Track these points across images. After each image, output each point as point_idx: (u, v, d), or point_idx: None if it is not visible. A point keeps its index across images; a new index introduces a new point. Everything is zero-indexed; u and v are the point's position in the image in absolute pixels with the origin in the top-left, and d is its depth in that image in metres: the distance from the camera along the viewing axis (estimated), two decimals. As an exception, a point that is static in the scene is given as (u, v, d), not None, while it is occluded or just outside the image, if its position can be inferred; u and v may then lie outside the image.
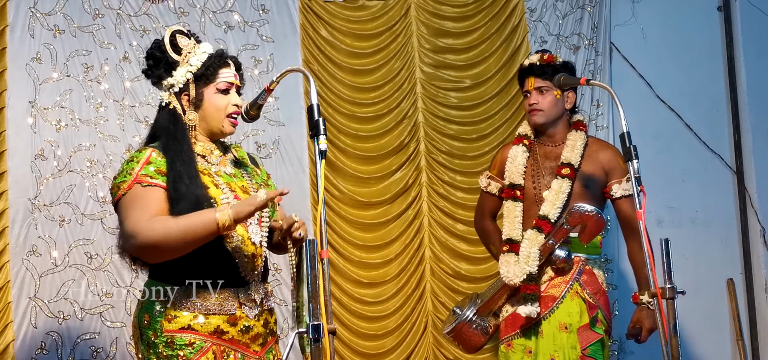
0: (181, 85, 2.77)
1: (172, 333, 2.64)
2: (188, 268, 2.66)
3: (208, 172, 2.74)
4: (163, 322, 2.65)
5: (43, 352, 4.06)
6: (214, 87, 2.77)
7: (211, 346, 2.65)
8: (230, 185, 2.75)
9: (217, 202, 2.66)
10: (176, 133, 2.74)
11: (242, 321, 2.70)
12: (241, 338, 2.70)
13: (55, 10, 4.24)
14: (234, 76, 2.81)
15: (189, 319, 2.65)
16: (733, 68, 5.03)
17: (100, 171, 4.22)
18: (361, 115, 4.68)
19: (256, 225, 2.75)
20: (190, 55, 2.79)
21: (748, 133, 5.00)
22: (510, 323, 3.58)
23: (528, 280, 3.48)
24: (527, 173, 3.67)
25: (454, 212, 4.71)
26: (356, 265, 4.61)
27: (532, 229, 3.53)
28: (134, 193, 2.63)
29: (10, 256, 4.03)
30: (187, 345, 2.63)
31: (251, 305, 2.72)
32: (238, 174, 2.83)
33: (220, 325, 2.66)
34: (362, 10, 4.75)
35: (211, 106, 2.77)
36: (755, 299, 4.96)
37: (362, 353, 4.56)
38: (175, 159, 2.68)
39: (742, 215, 4.99)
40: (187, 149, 2.71)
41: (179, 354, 2.62)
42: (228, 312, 2.67)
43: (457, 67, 4.82)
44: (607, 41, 4.91)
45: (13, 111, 4.11)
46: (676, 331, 2.61)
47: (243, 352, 2.71)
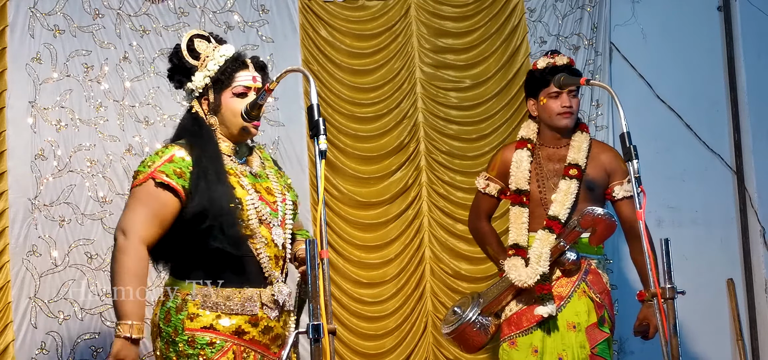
0: (201, 90, 2.77)
1: (193, 332, 2.64)
2: (212, 268, 2.67)
3: (234, 173, 2.74)
4: (185, 320, 2.66)
5: (43, 352, 4.06)
6: (231, 91, 2.76)
7: (232, 346, 2.66)
8: (255, 186, 2.76)
9: (243, 203, 2.67)
10: (202, 134, 2.74)
11: (263, 321, 2.71)
12: (262, 339, 2.72)
13: (55, 10, 4.24)
14: (252, 79, 2.78)
15: (211, 318, 2.65)
16: (733, 68, 5.03)
17: (100, 171, 4.22)
18: (360, 116, 4.68)
19: (279, 227, 2.76)
20: (208, 59, 2.77)
21: (748, 133, 5.00)
22: (513, 322, 3.59)
23: (541, 281, 3.49)
24: (532, 177, 3.67)
25: (454, 212, 4.71)
26: (356, 265, 4.61)
27: (543, 230, 3.54)
28: (146, 190, 2.66)
29: (10, 256, 4.03)
30: (208, 344, 2.64)
31: (273, 306, 2.72)
32: (263, 175, 2.84)
33: (242, 326, 2.68)
34: (362, 10, 4.75)
35: (228, 110, 2.76)
36: (755, 299, 4.96)
37: (362, 353, 4.56)
38: (202, 156, 2.68)
39: (742, 215, 4.99)
40: (214, 148, 2.72)
41: (200, 353, 2.63)
42: (250, 312, 2.68)
43: (457, 67, 4.82)
44: (607, 41, 4.92)
45: (13, 111, 4.11)
46: (676, 331, 2.61)
47: (263, 352, 2.73)
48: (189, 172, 2.67)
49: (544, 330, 3.52)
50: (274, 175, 2.88)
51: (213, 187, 2.63)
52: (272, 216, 2.75)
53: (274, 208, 2.77)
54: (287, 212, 2.80)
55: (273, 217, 2.75)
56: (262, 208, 2.72)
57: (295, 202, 2.87)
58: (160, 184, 2.65)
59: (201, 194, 2.63)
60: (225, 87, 2.76)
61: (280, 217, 2.77)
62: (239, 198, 2.68)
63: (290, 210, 2.82)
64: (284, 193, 2.83)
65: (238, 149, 2.83)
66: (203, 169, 2.66)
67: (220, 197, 2.62)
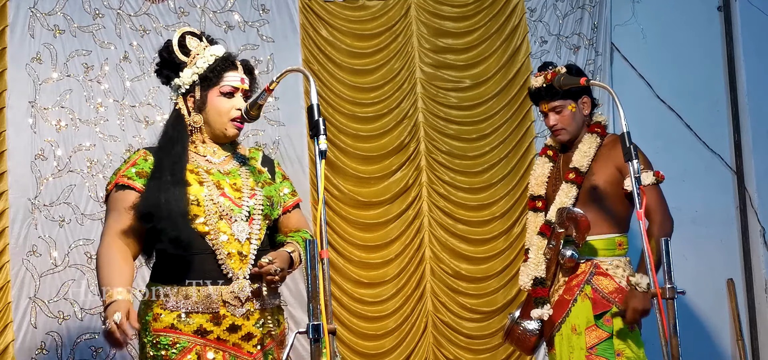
0: (187, 86, 2.78)
1: (158, 333, 2.66)
2: (171, 267, 2.69)
3: (196, 171, 2.74)
4: (151, 321, 2.68)
5: (43, 352, 4.06)
6: (218, 90, 2.77)
7: (195, 345, 2.65)
8: (219, 183, 2.75)
9: (199, 199, 2.68)
10: (173, 133, 2.76)
11: (228, 320, 2.69)
12: (229, 338, 2.69)
13: (55, 10, 4.24)
14: (241, 80, 2.80)
15: (173, 318, 2.66)
16: (733, 68, 5.03)
17: (100, 171, 4.22)
18: (361, 115, 4.68)
19: (245, 222, 2.74)
20: (198, 57, 2.79)
21: (748, 133, 5.00)
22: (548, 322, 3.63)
23: (536, 284, 3.54)
24: (550, 182, 3.69)
25: (454, 212, 4.71)
26: (356, 265, 4.61)
27: (537, 236, 3.60)
28: (112, 198, 2.74)
29: (10, 256, 4.03)
30: (170, 345, 2.65)
31: (235, 304, 2.69)
32: (234, 172, 2.82)
33: (203, 325, 2.66)
34: (362, 10, 4.75)
35: (214, 109, 2.78)
36: (755, 299, 4.96)
37: (362, 353, 4.56)
38: (163, 158, 2.71)
39: (742, 215, 4.99)
40: (179, 149, 2.73)
41: (163, 354, 2.64)
42: (211, 311, 2.66)
43: (457, 67, 4.82)
44: (607, 41, 4.92)
45: (13, 111, 4.11)
46: (676, 331, 2.61)
47: (234, 352, 2.69)
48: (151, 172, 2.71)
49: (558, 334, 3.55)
50: (248, 172, 2.85)
51: (164, 189, 2.64)
52: (235, 211, 2.73)
53: (238, 203, 2.75)
54: (257, 207, 2.77)
55: (236, 212, 2.73)
56: (224, 204, 2.71)
57: (270, 197, 2.83)
58: (122, 186, 2.71)
59: (149, 196, 2.65)
60: (213, 85, 2.78)
61: (245, 213, 2.74)
62: (195, 195, 2.68)
63: (260, 205, 2.78)
64: (254, 189, 2.80)
65: (218, 148, 2.83)
66: (160, 170, 2.69)
67: (169, 199, 2.63)
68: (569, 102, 3.57)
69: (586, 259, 3.51)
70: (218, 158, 2.82)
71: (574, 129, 3.62)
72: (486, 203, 4.74)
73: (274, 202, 2.85)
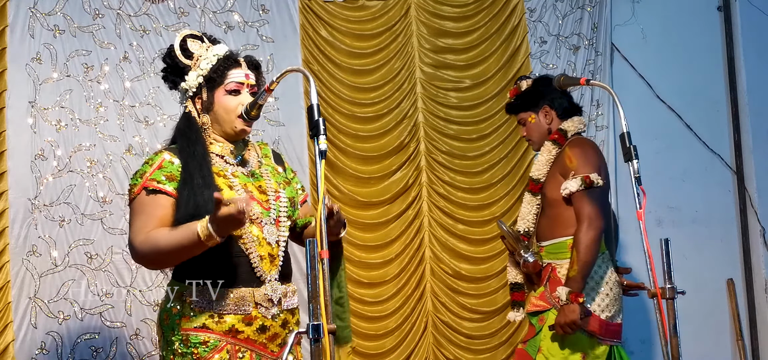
0: (194, 89, 2.79)
1: (188, 331, 2.67)
2: (207, 268, 2.68)
3: (223, 174, 2.75)
4: (180, 320, 2.68)
5: (43, 352, 4.06)
6: (224, 89, 2.78)
7: (226, 344, 2.67)
8: (246, 186, 2.76)
9: None
10: (190, 134, 2.76)
11: (259, 321, 2.71)
12: (258, 338, 2.72)
13: (55, 10, 4.24)
14: (245, 76, 2.80)
15: (204, 318, 2.67)
16: (733, 68, 5.03)
17: (100, 171, 4.22)
18: (361, 115, 4.68)
19: (273, 225, 2.76)
20: (201, 58, 2.79)
21: (748, 133, 5.01)
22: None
23: (512, 289, 3.78)
24: None
25: (454, 212, 4.71)
26: (356, 265, 4.60)
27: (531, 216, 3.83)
28: (140, 201, 2.69)
29: (10, 256, 4.03)
30: (201, 343, 2.66)
31: (268, 305, 2.73)
32: (259, 174, 2.84)
33: (235, 325, 2.68)
34: (362, 10, 4.75)
35: (221, 107, 2.78)
36: (755, 299, 4.97)
37: (362, 353, 4.56)
38: (189, 161, 2.70)
39: (742, 215, 5.00)
40: (201, 151, 2.73)
41: (193, 352, 2.65)
42: (243, 311, 2.69)
43: (457, 67, 4.82)
44: (607, 41, 4.92)
45: (13, 111, 4.11)
46: (676, 331, 2.61)
47: (259, 351, 2.73)
48: (179, 174, 2.70)
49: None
50: (270, 173, 2.88)
51: (198, 192, 2.64)
52: (264, 215, 2.75)
53: (266, 207, 2.77)
54: (282, 210, 2.80)
55: (265, 215, 2.75)
56: (253, 208, 2.73)
57: (291, 198, 2.87)
58: (153, 191, 2.68)
59: (186, 201, 2.64)
60: (218, 85, 2.78)
61: (273, 216, 2.77)
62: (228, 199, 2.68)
63: (285, 207, 2.81)
64: (278, 191, 2.83)
65: (235, 148, 2.83)
66: (189, 174, 2.68)
67: (205, 202, 2.62)
68: (529, 113, 3.78)
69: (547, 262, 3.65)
70: (235, 158, 2.82)
71: (537, 138, 3.79)
72: (486, 203, 4.75)
73: (294, 203, 2.89)
